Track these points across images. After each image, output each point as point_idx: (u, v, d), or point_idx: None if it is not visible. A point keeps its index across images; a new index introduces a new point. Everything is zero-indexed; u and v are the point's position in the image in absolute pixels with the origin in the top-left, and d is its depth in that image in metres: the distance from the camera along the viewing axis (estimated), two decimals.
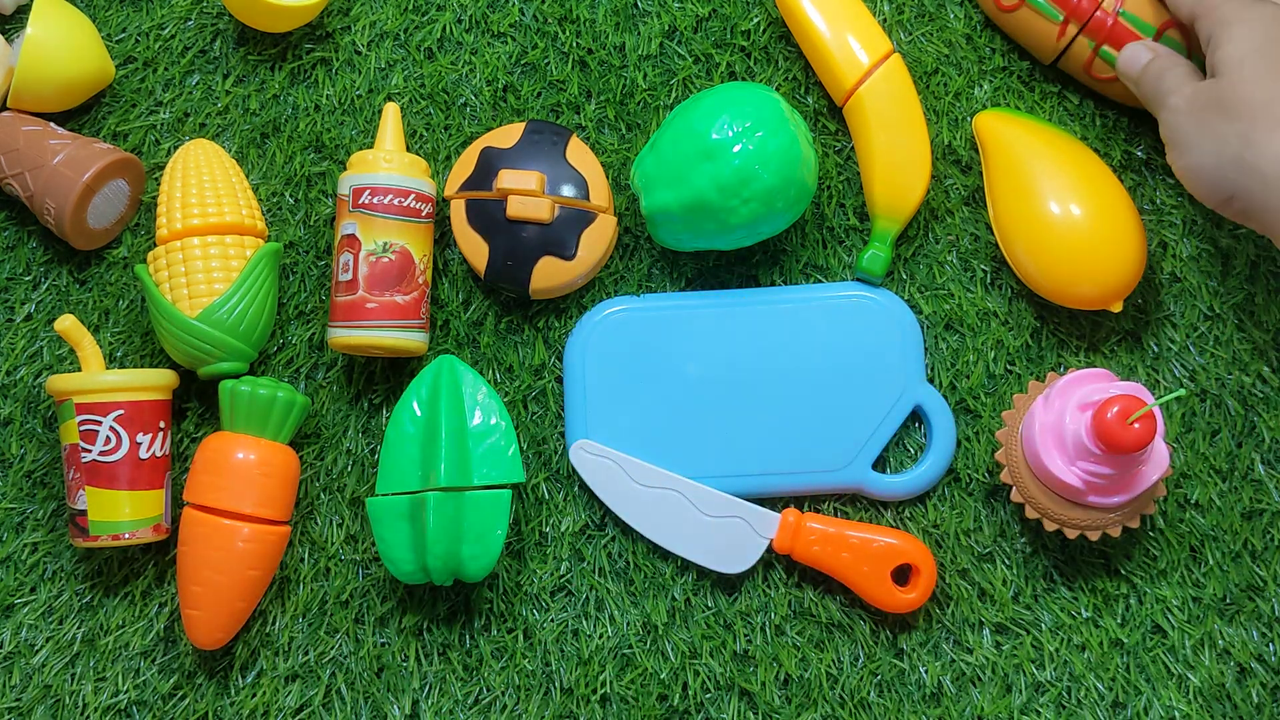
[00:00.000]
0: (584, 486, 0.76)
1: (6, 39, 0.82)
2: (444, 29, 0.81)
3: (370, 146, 0.79)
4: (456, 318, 0.78)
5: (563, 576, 0.76)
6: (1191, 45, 0.72)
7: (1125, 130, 0.78)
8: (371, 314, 0.73)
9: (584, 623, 0.75)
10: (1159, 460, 0.68)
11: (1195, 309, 0.76)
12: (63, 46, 0.77)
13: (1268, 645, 0.73)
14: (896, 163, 0.74)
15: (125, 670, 0.76)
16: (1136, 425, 0.63)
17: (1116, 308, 0.72)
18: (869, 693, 0.74)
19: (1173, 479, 0.75)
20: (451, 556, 0.71)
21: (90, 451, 0.72)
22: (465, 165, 0.76)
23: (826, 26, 0.75)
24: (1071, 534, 0.70)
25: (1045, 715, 0.73)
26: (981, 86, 0.78)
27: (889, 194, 0.75)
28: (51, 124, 0.78)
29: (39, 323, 0.79)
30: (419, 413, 0.74)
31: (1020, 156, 0.73)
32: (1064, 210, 0.71)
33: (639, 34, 0.80)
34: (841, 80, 0.75)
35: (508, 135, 0.76)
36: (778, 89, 0.79)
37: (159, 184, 0.79)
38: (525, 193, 0.74)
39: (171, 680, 0.76)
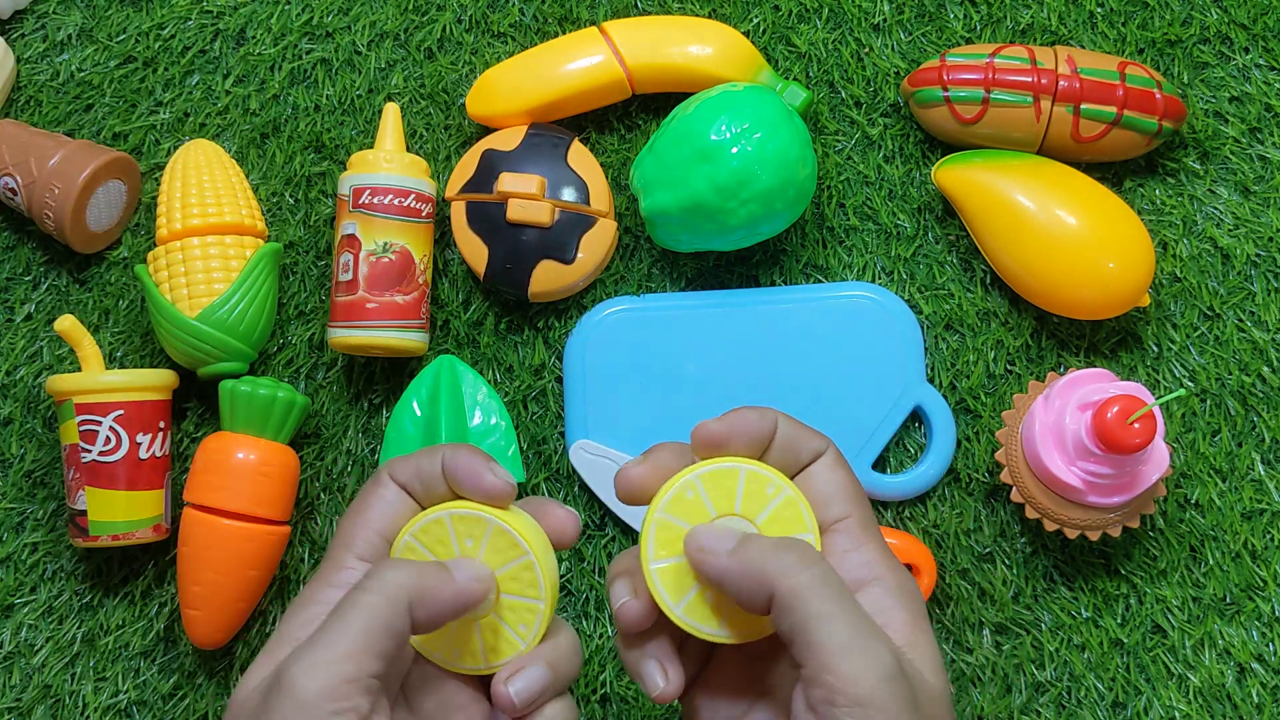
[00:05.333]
0: (584, 486, 0.76)
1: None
2: (444, 29, 0.81)
3: (370, 146, 0.79)
4: (456, 318, 0.78)
5: (563, 576, 0.76)
6: None
7: None
8: (371, 314, 0.73)
9: (584, 623, 0.75)
10: (1159, 460, 0.68)
11: (1195, 309, 0.76)
12: None
13: (1268, 645, 0.73)
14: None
15: (125, 670, 0.76)
16: (1136, 425, 0.63)
17: (1145, 301, 0.73)
18: None
19: (1173, 479, 0.75)
20: None
21: (90, 452, 0.72)
22: (466, 167, 0.76)
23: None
24: (1071, 534, 0.70)
25: (1045, 715, 0.73)
26: None
27: None
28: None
29: (39, 323, 0.79)
30: (419, 413, 0.74)
31: (997, 193, 0.73)
32: (1063, 228, 0.71)
33: None
34: None
35: (510, 138, 0.76)
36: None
37: (159, 184, 0.79)
38: (526, 196, 0.74)
39: (171, 680, 0.76)
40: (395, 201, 0.74)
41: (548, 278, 0.75)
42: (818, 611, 0.44)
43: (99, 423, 0.72)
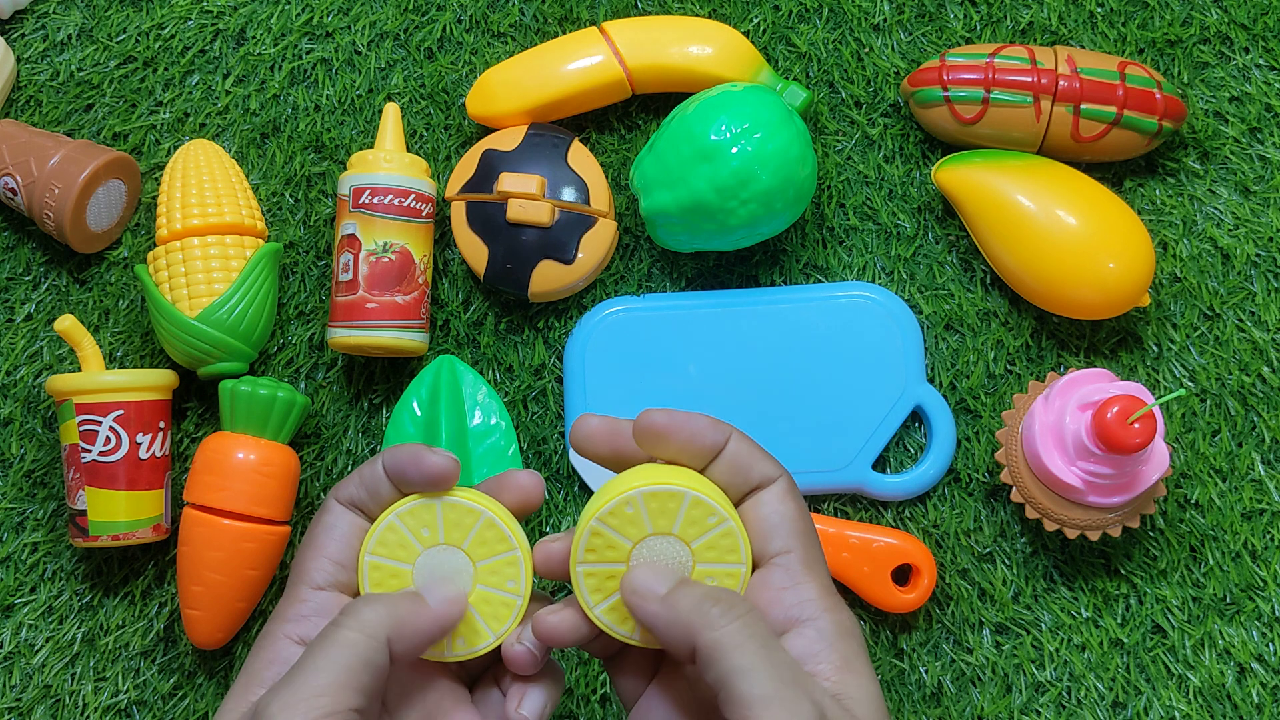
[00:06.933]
0: (584, 486, 0.76)
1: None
2: (444, 29, 0.81)
3: (370, 146, 0.79)
4: (456, 318, 0.78)
5: (558, 583, 0.75)
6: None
7: None
8: (371, 314, 0.73)
9: None
10: (1159, 460, 0.68)
11: (1195, 309, 0.76)
12: None
13: (1268, 645, 0.73)
14: None
15: (125, 670, 0.76)
16: (1136, 425, 0.63)
17: (1145, 301, 0.73)
18: None
19: (1173, 479, 0.75)
20: None
21: (90, 452, 0.72)
22: (467, 167, 0.76)
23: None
24: (1071, 534, 0.70)
25: (1045, 715, 0.73)
26: None
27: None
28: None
29: (39, 323, 0.79)
30: (419, 413, 0.74)
31: (997, 193, 0.73)
32: (1063, 228, 0.71)
33: None
34: None
35: (510, 138, 0.76)
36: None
37: (159, 184, 0.79)
38: (526, 196, 0.74)
39: (171, 680, 0.76)
40: (395, 201, 0.74)
41: (548, 278, 0.75)
42: (738, 665, 0.44)
43: (99, 423, 0.72)
